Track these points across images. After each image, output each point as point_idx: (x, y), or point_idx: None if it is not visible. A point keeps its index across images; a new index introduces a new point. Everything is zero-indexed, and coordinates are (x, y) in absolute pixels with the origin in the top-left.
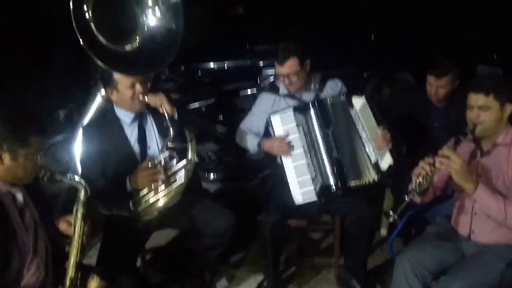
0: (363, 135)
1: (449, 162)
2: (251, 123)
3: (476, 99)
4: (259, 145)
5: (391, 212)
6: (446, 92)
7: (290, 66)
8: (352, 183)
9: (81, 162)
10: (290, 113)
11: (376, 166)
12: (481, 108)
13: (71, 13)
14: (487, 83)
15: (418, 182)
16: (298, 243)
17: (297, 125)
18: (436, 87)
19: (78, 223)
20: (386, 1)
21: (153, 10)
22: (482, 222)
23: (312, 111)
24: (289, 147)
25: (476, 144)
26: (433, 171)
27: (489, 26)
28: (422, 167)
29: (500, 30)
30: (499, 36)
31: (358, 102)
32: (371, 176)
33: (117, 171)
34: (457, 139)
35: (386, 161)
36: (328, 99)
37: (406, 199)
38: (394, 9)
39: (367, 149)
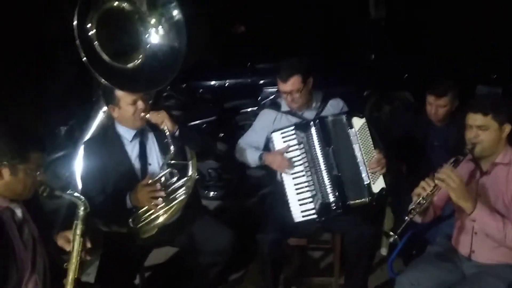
0: (359, 156)
1: (447, 180)
2: (251, 139)
3: (475, 119)
4: (260, 158)
5: (391, 233)
6: (446, 111)
7: (293, 83)
8: (352, 202)
9: (82, 178)
10: (291, 130)
11: (368, 188)
12: (480, 127)
13: (75, 30)
14: (486, 103)
15: (418, 202)
16: (298, 262)
17: (298, 143)
18: (436, 106)
19: (77, 239)
20: (387, 21)
21: (156, 29)
22: (483, 242)
23: (313, 129)
24: (290, 163)
25: (476, 164)
26: (433, 191)
27: (489, 47)
28: (423, 187)
29: (499, 51)
30: (498, 57)
31: (358, 122)
32: (362, 198)
33: (118, 187)
34: (457, 159)
35: (378, 185)
36: (329, 117)
37: (407, 219)
38: (395, 29)
39: (361, 171)
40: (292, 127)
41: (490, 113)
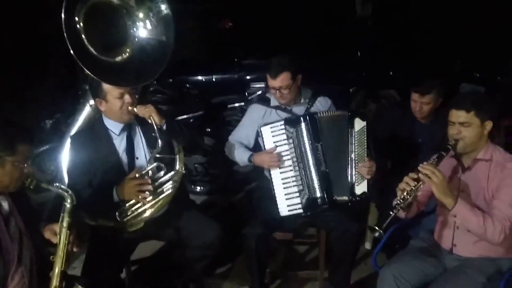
0: (351, 156)
1: (431, 176)
2: (241, 134)
3: (458, 116)
4: (249, 160)
5: (376, 227)
6: (430, 109)
7: (282, 80)
8: (338, 198)
9: (68, 171)
10: (281, 125)
11: (352, 188)
12: (462, 124)
13: (63, 24)
14: (468, 100)
15: (402, 197)
16: (284, 256)
17: (287, 137)
18: (420, 104)
19: (64, 232)
20: (373, 20)
21: (144, 23)
22: (464, 236)
23: (303, 124)
24: (279, 159)
25: (458, 160)
26: (417, 186)
27: (473, 45)
28: (407, 182)
29: (482, 49)
30: (481, 55)
31: (359, 124)
32: (343, 195)
33: (105, 181)
34: (440, 155)
35: (361, 188)
36: (330, 112)
37: (391, 213)
38: (381, 27)
39: (349, 170)
40: (282, 122)
41: (472, 110)
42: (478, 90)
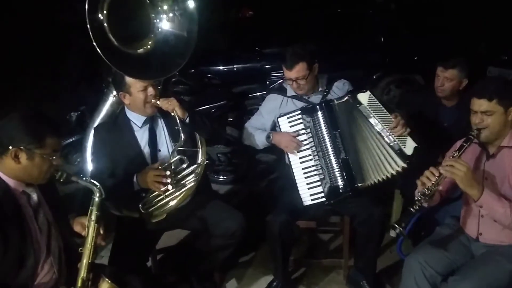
0: (379, 128)
1: (454, 170)
2: (257, 122)
3: (480, 105)
4: (268, 136)
5: (396, 225)
6: (451, 86)
7: (298, 70)
8: (361, 184)
9: (92, 162)
10: (297, 114)
11: (402, 153)
12: (485, 113)
13: (86, 16)
14: (490, 88)
15: (423, 192)
16: (308, 244)
17: (305, 127)
18: (443, 79)
19: (92, 225)
20: (397, 3)
21: (168, 15)
22: (490, 224)
23: (319, 113)
24: (298, 144)
25: (482, 147)
26: (438, 181)
27: (500, 28)
28: (427, 177)
29: (510, 32)
30: (509, 39)
31: (364, 97)
32: (398, 165)
33: (128, 172)
34: (461, 146)
35: (410, 146)
36: (335, 101)
37: (412, 210)
38: (405, 11)
39: (387, 140)
40: (298, 112)
41: (495, 98)
42: (506, 73)
